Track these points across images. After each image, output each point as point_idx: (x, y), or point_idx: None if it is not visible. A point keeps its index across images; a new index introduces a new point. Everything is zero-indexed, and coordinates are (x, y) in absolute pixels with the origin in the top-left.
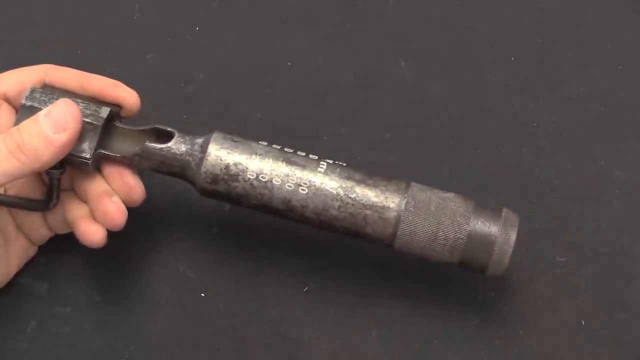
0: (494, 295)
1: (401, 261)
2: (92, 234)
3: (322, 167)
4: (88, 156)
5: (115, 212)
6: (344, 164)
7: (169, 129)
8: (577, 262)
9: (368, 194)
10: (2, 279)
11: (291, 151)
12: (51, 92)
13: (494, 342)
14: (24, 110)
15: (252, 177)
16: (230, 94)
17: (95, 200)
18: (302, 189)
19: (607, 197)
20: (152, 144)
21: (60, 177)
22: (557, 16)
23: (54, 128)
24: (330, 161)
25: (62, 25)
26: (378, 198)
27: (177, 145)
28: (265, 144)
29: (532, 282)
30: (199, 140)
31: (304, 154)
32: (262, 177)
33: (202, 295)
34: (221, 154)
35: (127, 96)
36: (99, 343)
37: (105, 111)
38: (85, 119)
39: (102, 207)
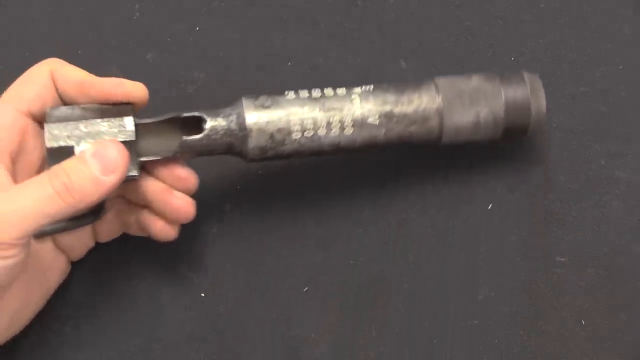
0: (493, 295)
1: (401, 260)
2: (168, 230)
3: (357, 102)
4: (136, 174)
5: (186, 206)
6: (372, 87)
7: (196, 114)
8: (577, 262)
9: (407, 112)
10: (40, 304)
11: (320, 94)
12: (69, 120)
13: (494, 342)
14: (53, 153)
15: (297, 137)
16: (230, 94)
17: (159, 200)
18: (346, 131)
19: (607, 197)
20: (189, 137)
21: None
22: (557, 16)
23: (104, 170)
24: (359, 90)
25: (62, 25)
26: (417, 114)
27: (213, 130)
28: (294, 96)
29: (532, 282)
30: (232, 117)
31: (332, 92)
32: (306, 133)
33: (202, 295)
34: (261, 126)
35: (135, 92)
36: (99, 343)
37: (130, 122)
38: (118, 139)
39: (171, 205)
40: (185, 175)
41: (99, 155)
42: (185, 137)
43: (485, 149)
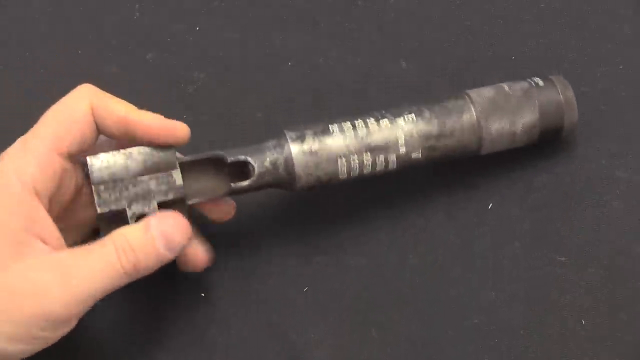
0: (493, 295)
1: (401, 260)
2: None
3: (401, 137)
4: (202, 294)
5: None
6: (414, 116)
7: (242, 159)
8: (577, 261)
9: (449, 144)
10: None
11: (365, 130)
12: (113, 171)
13: (494, 342)
14: (105, 217)
15: (344, 177)
16: (230, 94)
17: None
18: (390, 166)
19: (607, 197)
20: (237, 185)
21: None
22: (557, 16)
23: (169, 249)
24: (403, 122)
25: (62, 25)
26: (459, 143)
27: (261, 176)
28: (339, 134)
29: (532, 282)
30: (280, 161)
31: (376, 125)
32: (352, 173)
33: (202, 295)
34: (310, 171)
35: (179, 133)
36: (99, 343)
37: (178, 178)
38: (168, 198)
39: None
40: (225, 206)
41: (166, 236)
42: (233, 185)
43: None
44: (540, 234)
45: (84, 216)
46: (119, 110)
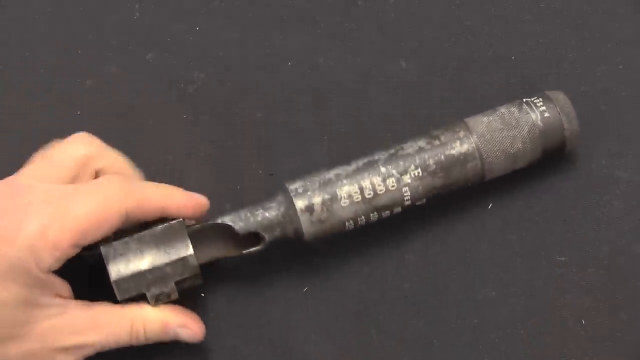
0: (494, 295)
1: (401, 260)
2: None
3: (407, 195)
4: (200, 282)
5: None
6: (420, 172)
7: (252, 230)
8: (577, 262)
9: (453, 189)
10: None
11: (371, 193)
12: (127, 257)
13: (494, 342)
14: (126, 301)
15: (351, 227)
16: (230, 94)
17: None
18: (395, 214)
19: (607, 197)
20: (248, 251)
21: None
22: (557, 16)
23: (173, 339)
24: (409, 180)
25: (62, 25)
26: (461, 185)
27: (272, 243)
28: (347, 200)
29: (532, 282)
30: (289, 230)
31: (383, 187)
32: (360, 221)
33: (202, 295)
34: (319, 235)
35: (204, 209)
36: None
37: (192, 259)
38: (184, 277)
39: None
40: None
41: (176, 336)
42: (244, 252)
43: None
44: (540, 233)
45: None
46: (157, 203)
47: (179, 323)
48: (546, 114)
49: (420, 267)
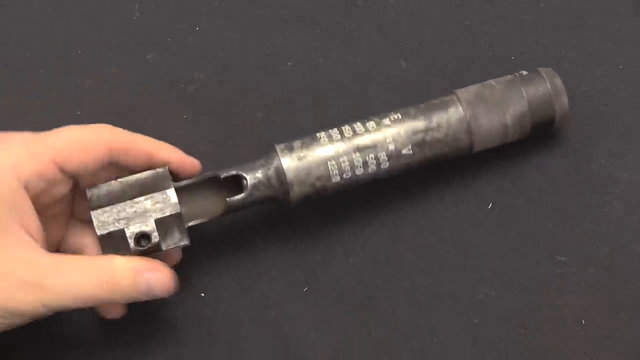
0: (494, 295)
1: (401, 258)
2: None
3: (389, 135)
4: (187, 242)
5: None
6: (399, 116)
7: (234, 173)
8: (577, 262)
9: (438, 137)
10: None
11: (351, 132)
12: (111, 199)
13: (494, 341)
14: (105, 238)
15: (337, 180)
16: (230, 94)
17: None
18: (382, 165)
19: (607, 197)
20: (232, 198)
21: None
22: (557, 16)
23: (147, 296)
24: (388, 121)
25: (62, 25)
26: (447, 137)
27: (255, 188)
28: (327, 140)
29: (532, 282)
30: (271, 171)
31: (362, 128)
32: (345, 175)
33: (202, 295)
34: (301, 177)
35: (195, 170)
36: (98, 343)
37: (173, 195)
38: (165, 215)
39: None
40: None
41: (150, 286)
42: (228, 199)
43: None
44: (540, 233)
45: (55, 231)
46: (144, 148)
47: (149, 267)
48: (533, 83)
49: (420, 265)
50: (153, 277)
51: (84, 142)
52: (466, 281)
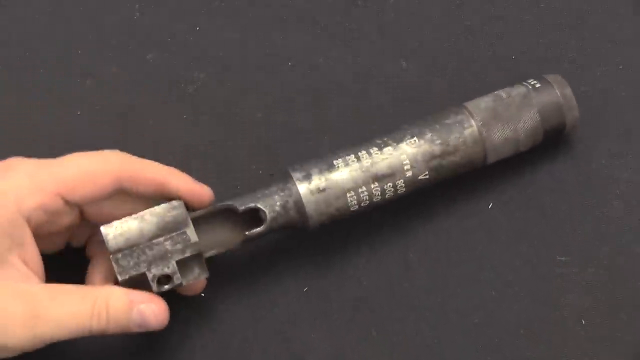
0: (494, 295)
1: (401, 260)
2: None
3: (406, 161)
4: (206, 275)
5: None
6: (416, 139)
7: (252, 206)
8: (577, 262)
9: (454, 160)
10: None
11: (369, 160)
12: (128, 238)
13: (494, 342)
14: (126, 283)
15: (355, 209)
16: (230, 94)
17: None
18: (399, 191)
19: (607, 197)
20: (251, 232)
21: None
22: (557, 16)
23: (140, 328)
24: (406, 147)
25: (62, 25)
26: (464, 159)
27: (274, 221)
28: (344, 167)
29: (532, 282)
30: (290, 203)
31: (379, 154)
32: (363, 204)
33: (202, 295)
34: (321, 210)
35: (207, 200)
36: (98, 342)
37: (193, 235)
38: (186, 255)
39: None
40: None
41: (144, 319)
42: (247, 233)
43: None
44: (540, 233)
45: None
46: (153, 177)
47: (144, 299)
48: (545, 96)
49: (421, 266)
50: (147, 310)
51: (91, 172)
52: (467, 281)
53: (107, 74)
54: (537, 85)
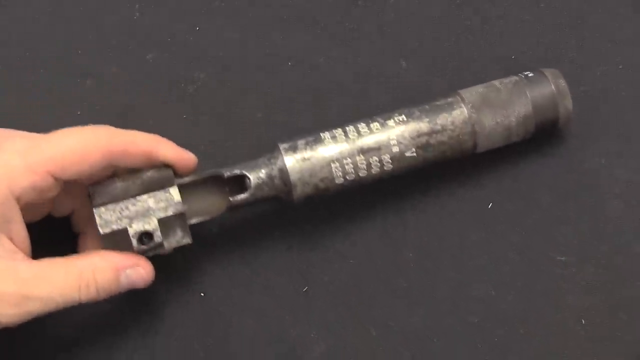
0: (494, 295)
1: (400, 257)
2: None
3: (393, 137)
4: (189, 241)
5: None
6: (404, 117)
7: (237, 172)
8: (577, 262)
9: (442, 140)
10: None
11: (356, 133)
12: (114, 196)
13: (494, 341)
14: (108, 237)
15: (340, 182)
16: (230, 94)
17: None
18: (386, 167)
19: (607, 196)
20: (236, 198)
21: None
22: (557, 16)
23: (129, 287)
24: (393, 123)
25: (62, 25)
26: (452, 139)
27: (258, 188)
28: (331, 140)
29: (532, 282)
30: (275, 171)
31: (367, 128)
32: (348, 176)
33: (202, 295)
34: (305, 179)
35: (192, 165)
36: (98, 342)
37: (176, 194)
38: (168, 214)
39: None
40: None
41: (131, 283)
42: (232, 198)
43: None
44: (540, 233)
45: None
46: (141, 148)
47: (130, 264)
48: (538, 85)
49: (420, 266)
50: (134, 274)
51: (81, 150)
52: (466, 281)
53: (107, 74)
54: (530, 75)
